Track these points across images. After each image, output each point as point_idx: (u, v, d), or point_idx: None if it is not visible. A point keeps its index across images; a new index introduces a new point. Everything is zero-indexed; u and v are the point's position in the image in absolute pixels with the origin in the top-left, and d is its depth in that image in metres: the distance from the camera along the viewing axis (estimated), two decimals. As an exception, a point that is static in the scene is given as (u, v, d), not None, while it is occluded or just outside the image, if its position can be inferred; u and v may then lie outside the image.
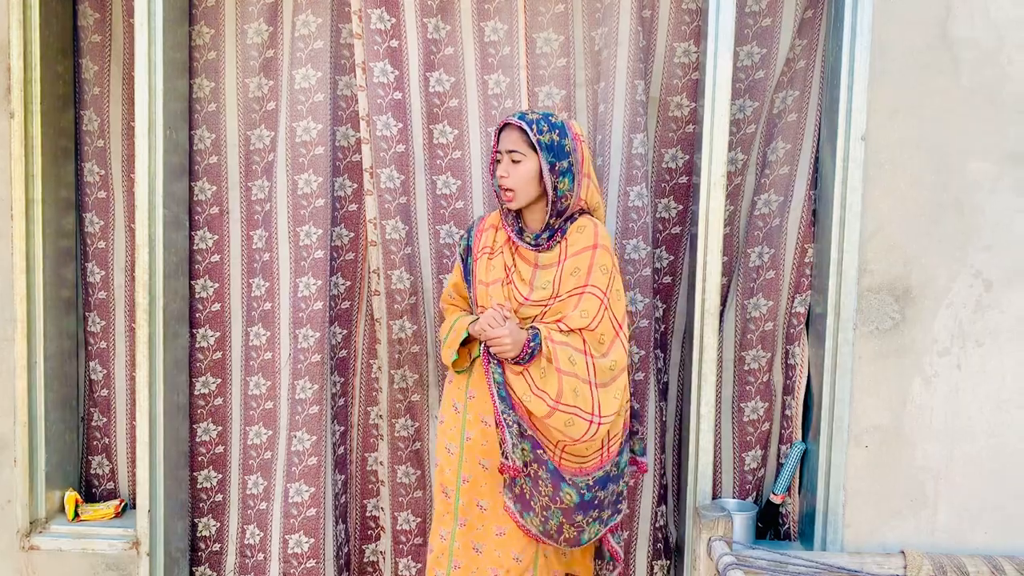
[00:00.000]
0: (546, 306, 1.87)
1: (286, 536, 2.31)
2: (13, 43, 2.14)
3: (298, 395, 2.30)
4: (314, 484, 2.31)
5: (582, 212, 1.94)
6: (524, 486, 1.88)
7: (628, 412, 1.99)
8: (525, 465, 1.87)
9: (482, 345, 1.88)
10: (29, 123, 2.18)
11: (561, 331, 1.84)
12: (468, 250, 2.03)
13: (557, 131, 1.87)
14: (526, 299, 1.89)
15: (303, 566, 2.32)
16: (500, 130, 1.90)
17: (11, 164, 2.17)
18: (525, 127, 1.84)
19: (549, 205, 1.88)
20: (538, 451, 1.87)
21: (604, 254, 1.88)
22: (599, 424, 1.81)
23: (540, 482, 1.88)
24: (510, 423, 1.84)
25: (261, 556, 2.37)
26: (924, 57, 1.96)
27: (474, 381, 1.95)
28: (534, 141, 1.84)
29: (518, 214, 1.96)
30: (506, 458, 1.85)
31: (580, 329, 1.84)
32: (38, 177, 2.20)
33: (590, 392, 1.82)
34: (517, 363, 1.84)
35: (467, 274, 2.02)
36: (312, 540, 2.32)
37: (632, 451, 2.08)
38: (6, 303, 2.21)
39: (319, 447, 2.31)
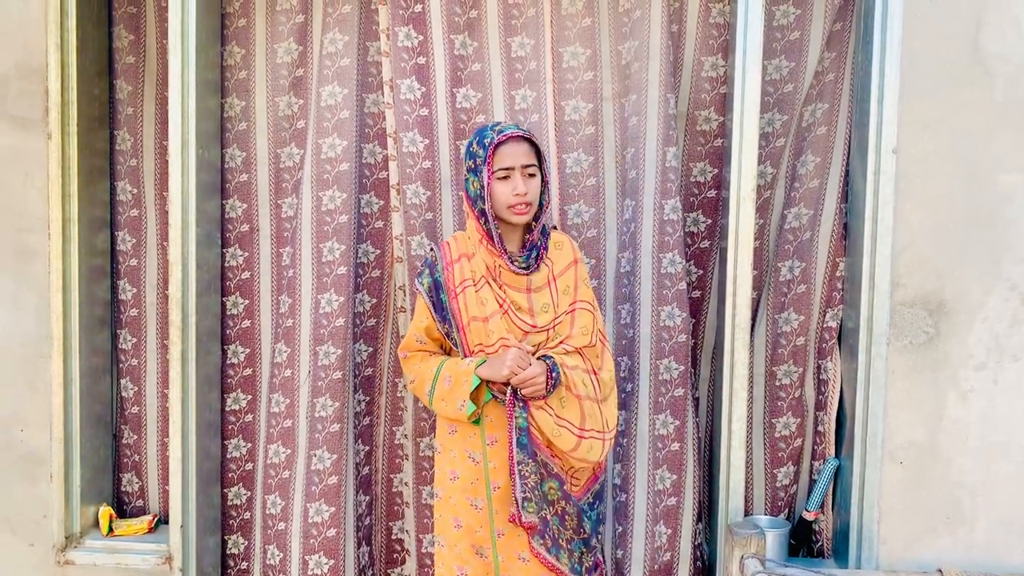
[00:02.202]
0: (550, 330, 1.91)
1: (306, 556, 2.33)
2: (51, 66, 2.25)
3: (318, 413, 2.34)
4: (334, 504, 2.34)
5: (551, 227, 2.03)
6: (553, 526, 1.88)
7: None
8: (552, 504, 1.87)
9: (509, 389, 1.83)
10: (66, 144, 2.28)
11: (567, 352, 1.89)
12: (437, 286, 1.94)
13: (541, 143, 1.97)
14: (533, 327, 1.90)
15: None
16: (499, 146, 1.84)
17: (48, 184, 2.28)
18: (535, 140, 1.91)
19: (538, 220, 1.92)
20: (564, 488, 1.90)
21: (583, 267, 1.99)
22: (609, 441, 1.89)
23: (567, 518, 1.90)
24: (526, 474, 1.82)
25: None
26: (955, 70, 2.00)
27: (492, 425, 1.90)
28: (542, 154, 1.91)
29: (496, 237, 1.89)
30: (520, 511, 1.81)
31: (580, 348, 1.90)
32: (74, 196, 2.31)
33: (599, 411, 1.89)
34: (541, 397, 1.83)
35: (442, 311, 1.94)
36: (332, 561, 2.34)
37: None
38: (43, 320, 2.31)
39: (340, 466, 2.34)
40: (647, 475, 2.28)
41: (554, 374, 1.82)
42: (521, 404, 1.83)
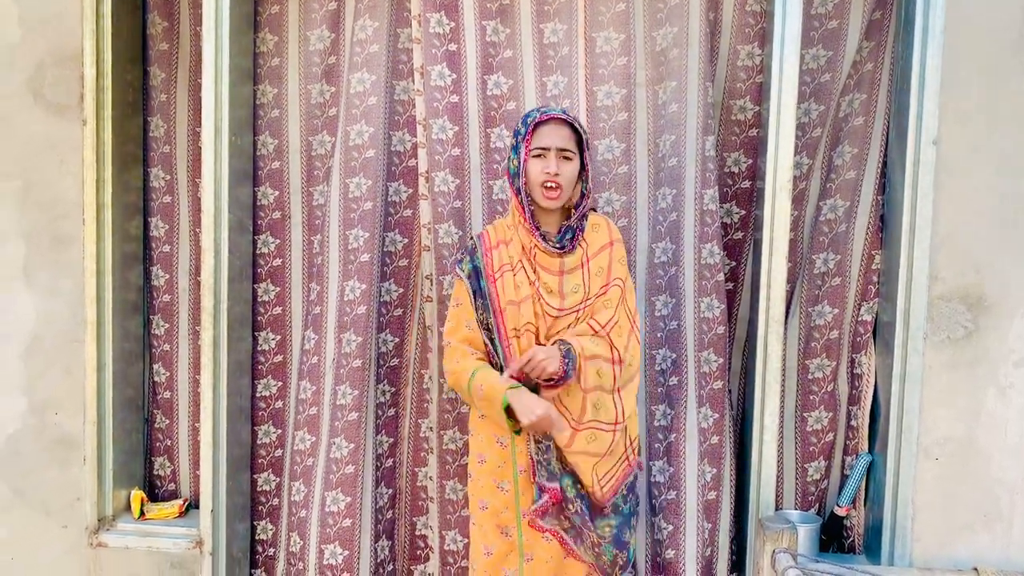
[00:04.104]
0: (579, 311, 1.93)
1: (322, 546, 2.35)
2: (86, 52, 2.29)
3: (339, 401, 2.36)
4: (350, 494, 2.35)
5: (592, 210, 2.04)
6: (573, 520, 1.92)
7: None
8: (569, 501, 1.90)
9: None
10: (101, 130, 2.33)
11: (593, 332, 1.89)
12: (477, 272, 1.98)
13: (587, 133, 1.96)
14: (560, 310, 1.93)
15: None
16: (538, 125, 1.90)
17: (83, 170, 2.32)
18: (577, 126, 1.92)
19: (578, 207, 1.96)
20: (578, 486, 1.90)
21: (620, 248, 2.00)
22: (620, 431, 1.89)
23: (585, 520, 1.92)
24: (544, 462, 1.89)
25: (301, 565, 2.42)
26: (1000, 59, 1.98)
27: None
28: (584, 141, 1.92)
29: (534, 218, 1.95)
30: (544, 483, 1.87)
31: (605, 325, 1.90)
32: (108, 182, 2.35)
33: (612, 402, 1.89)
34: (555, 384, 1.85)
35: (482, 296, 1.96)
36: (347, 552, 2.35)
37: None
38: (78, 306, 2.36)
39: (357, 456, 2.36)
40: (696, 470, 2.27)
41: (567, 360, 1.83)
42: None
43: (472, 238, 2.09)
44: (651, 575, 2.33)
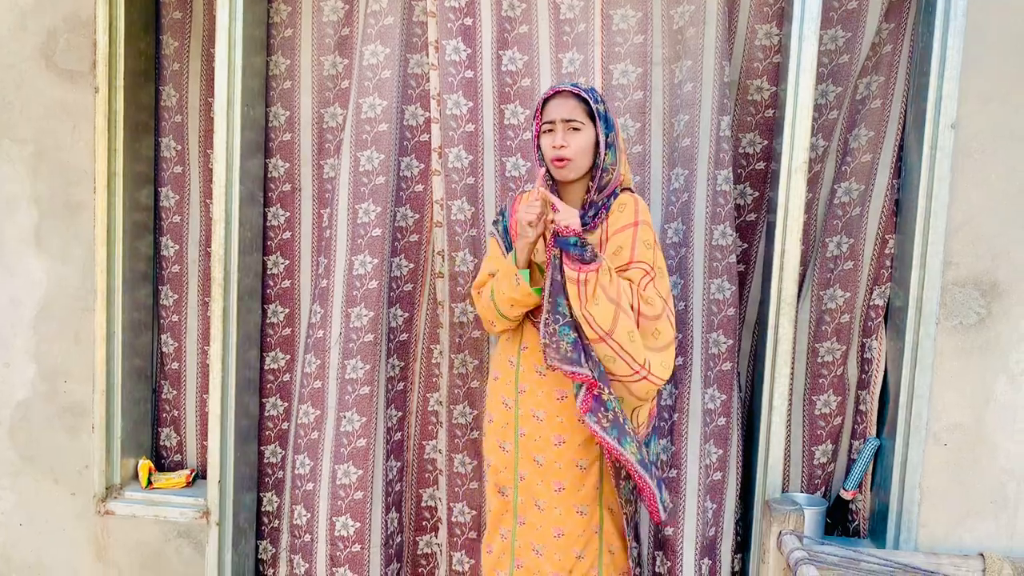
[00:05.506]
0: None
1: (333, 518, 2.39)
2: (99, 19, 2.29)
3: (348, 375, 2.38)
4: (362, 467, 2.38)
5: (623, 188, 2.00)
6: (618, 410, 1.83)
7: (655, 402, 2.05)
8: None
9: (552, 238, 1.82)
10: (113, 98, 2.33)
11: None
12: (506, 230, 2.05)
13: (605, 104, 1.94)
14: None
15: (348, 550, 2.40)
16: (547, 100, 1.93)
17: (95, 137, 2.33)
18: (585, 95, 1.90)
19: (595, 180, 1.93)
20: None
21: (646, 230, 1.92)
22: (646, 377, 1.83)
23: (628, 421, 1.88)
24: (554, 319, 1.80)
25: (308, 537, 2.45)
26: (1021, 43, 1.96)
27: (523, 375, 1.99)
28: (594, 111, 1.90)
29: (557, 193, 1.97)
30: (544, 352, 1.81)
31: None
32: (119, 151, 2.36)
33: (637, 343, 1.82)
34: (581, 259, 1.76)
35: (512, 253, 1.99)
36: (358, 524, 2.39)
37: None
38: (88, 274, 2.37)
39: (369, 429, 2.39)
40: (699, 451, 2.28)
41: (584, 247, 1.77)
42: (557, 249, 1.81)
43: (508, 200, 2.14)
44: (652, 550, 2.36)
